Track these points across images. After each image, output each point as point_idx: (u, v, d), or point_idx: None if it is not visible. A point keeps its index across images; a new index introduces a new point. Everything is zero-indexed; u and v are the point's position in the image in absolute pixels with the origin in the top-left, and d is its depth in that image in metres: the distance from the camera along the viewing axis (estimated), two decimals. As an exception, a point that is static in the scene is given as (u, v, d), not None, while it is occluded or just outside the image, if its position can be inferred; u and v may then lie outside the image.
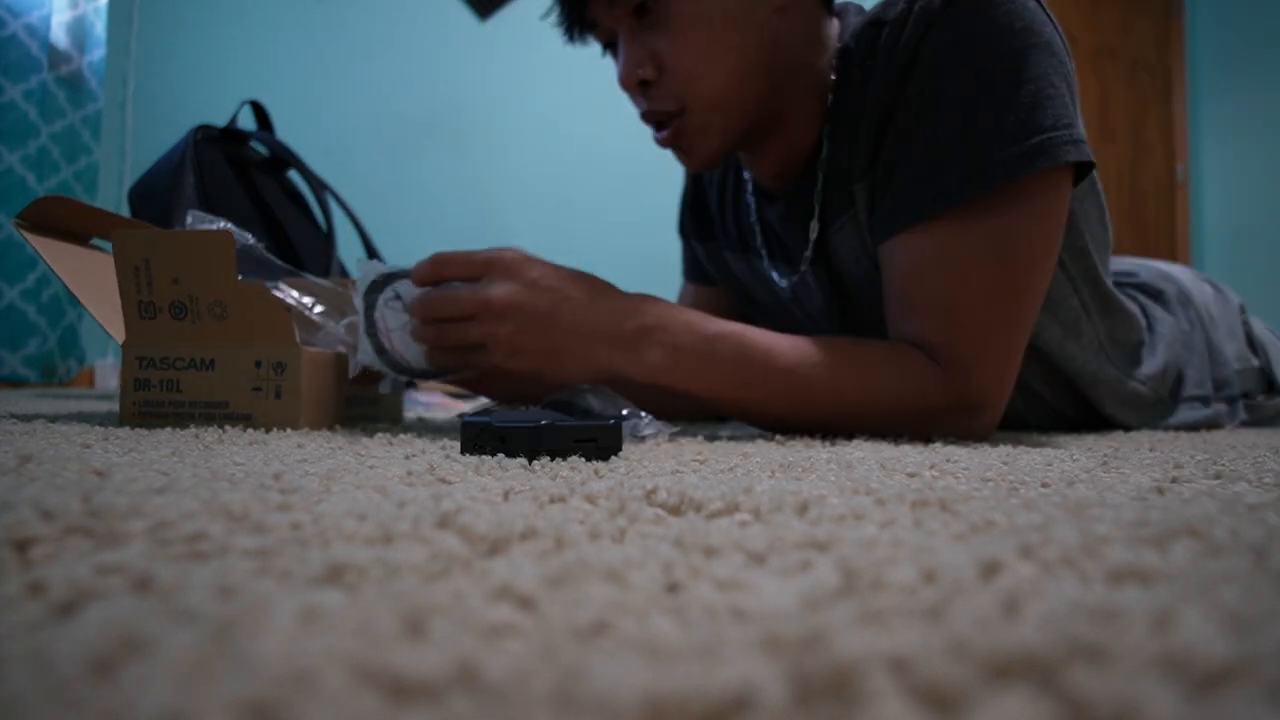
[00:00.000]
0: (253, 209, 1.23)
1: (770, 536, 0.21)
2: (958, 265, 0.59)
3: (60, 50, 2.16)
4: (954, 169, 0.58)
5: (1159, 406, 0.81)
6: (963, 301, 0.59)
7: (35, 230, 0.66)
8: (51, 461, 0.33)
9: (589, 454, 0.41)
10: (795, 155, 0.70)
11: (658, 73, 0.64)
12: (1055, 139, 0.57)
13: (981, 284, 0.59)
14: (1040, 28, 0.58)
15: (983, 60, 0.58)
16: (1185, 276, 0.94)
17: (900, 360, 0.60)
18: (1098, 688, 0.11)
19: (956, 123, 0.58)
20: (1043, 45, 0.58)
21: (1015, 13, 0.58)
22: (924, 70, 0.60)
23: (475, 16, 3.20)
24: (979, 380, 0.59)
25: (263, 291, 0.57)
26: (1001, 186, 0.57)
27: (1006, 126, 0.57)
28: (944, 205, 0.58)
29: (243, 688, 0.11)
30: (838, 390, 0.59)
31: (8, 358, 2.01)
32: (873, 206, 0.65)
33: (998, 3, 0.58)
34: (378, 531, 0.21)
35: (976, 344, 0.59)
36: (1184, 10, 3.73)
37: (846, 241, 0.69)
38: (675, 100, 0.65)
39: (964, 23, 0.58)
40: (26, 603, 0.15)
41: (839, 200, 0.68)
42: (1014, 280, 0.59)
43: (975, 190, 0.57)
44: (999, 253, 0.58)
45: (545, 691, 0.11)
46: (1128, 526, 0.23)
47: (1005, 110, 0.57)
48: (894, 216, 0.61)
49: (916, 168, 0.60)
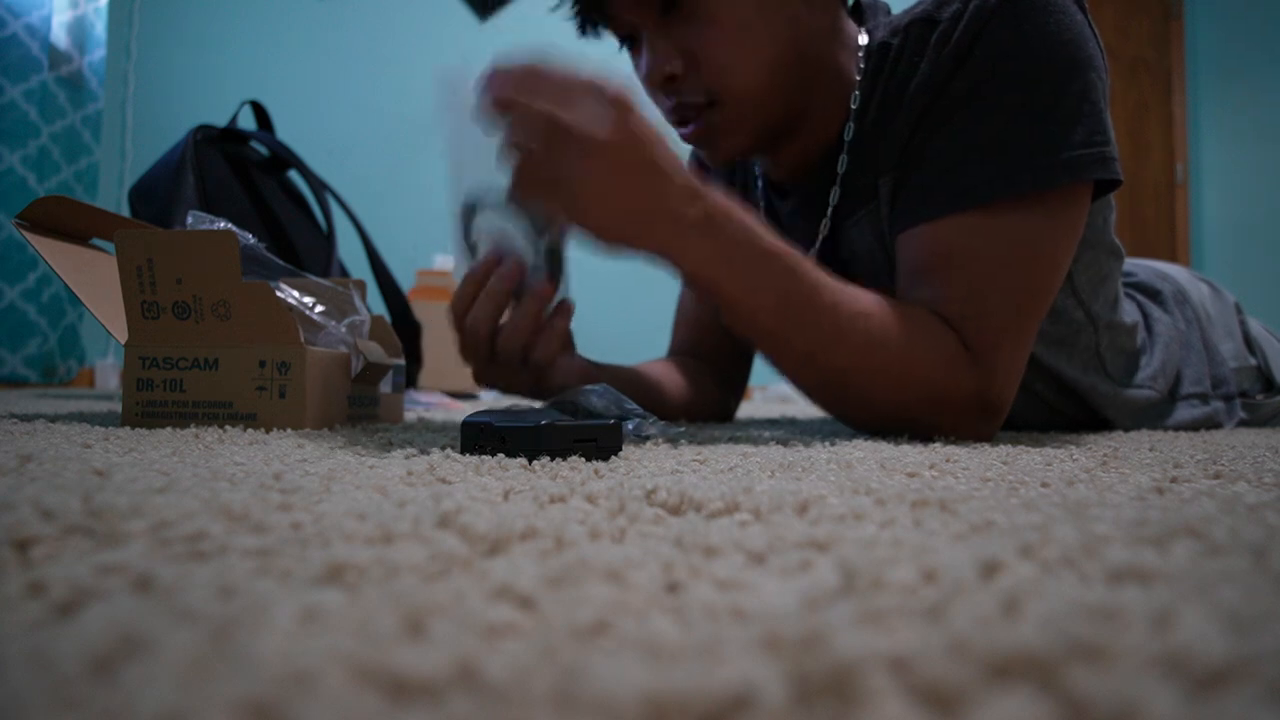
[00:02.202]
0: (253, 209, 1.23)
1: (770, 536, 0.21)
2: (986, 259, 0.59)
3: (61, 50, 2.16)
4: (988, 168, 0.58)
5: (1158, 406, 0.81)
6: (989, 295, 0.59)
7: (35, 230, 0.66)
8: (52, 461, 0.33)
9: (589, 454, 0.41)
10: (812, 152, 0.70)
11: (685, 66, 0.63)
12: (1087, 156, 0.58)
13: (1007, 281, 0.59)
14: (1085, 42, 0.59)
15: (1030, 67, 0.58)
16: (1182, 276, 0.94)
17: (944, 336, 0.58)
18: (1098, 687, 0.11)
19: (997, 124, 0.59)
20: (1085, 60, 0.59)
21: (1065, 24, 0.59)
22: (973, 67, 0.60)
23: (475, 17, 3.20)
24: (998, 378, 0.59)
25: (266, 291, 0.57)
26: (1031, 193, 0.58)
27: (1044, 136, 0.58)
28: (974, 201, 0.59)
29: (243, 688, 0.11)
30: (877, 344, 0.56)
31: (8, 358, 2.01)
32: (895, 200, 0.65)
33: (1052, 11, 0.59)
34: (378, 531, 0.21)
35: (998, 340, 0.59)
36: (1184, 10, 3.73)
37: (862, 236, 0.69)
38: (706, 93, 0.64)
39: (1017, 27, 0.59)
40: (27, 602, 0.15)
41: (860, 193, 0.68)
42: (1034, 282, 0.60)
43: (1008, 191, 0.58)
44: (1024, 253, 0.59)
45: (545, 691, 0.11)
46: (1127, 526, 0.23)
47: (1045, 120, 0.58)
48: (922, 205, 0.61)
49: (951, 161, 0.60)
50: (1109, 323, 0.75)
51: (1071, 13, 0.59)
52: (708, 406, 0.86)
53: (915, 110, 0.62)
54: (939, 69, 0.61)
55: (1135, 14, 3.63)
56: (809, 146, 0.70)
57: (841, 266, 0.72)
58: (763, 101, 0.64)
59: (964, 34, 0.60)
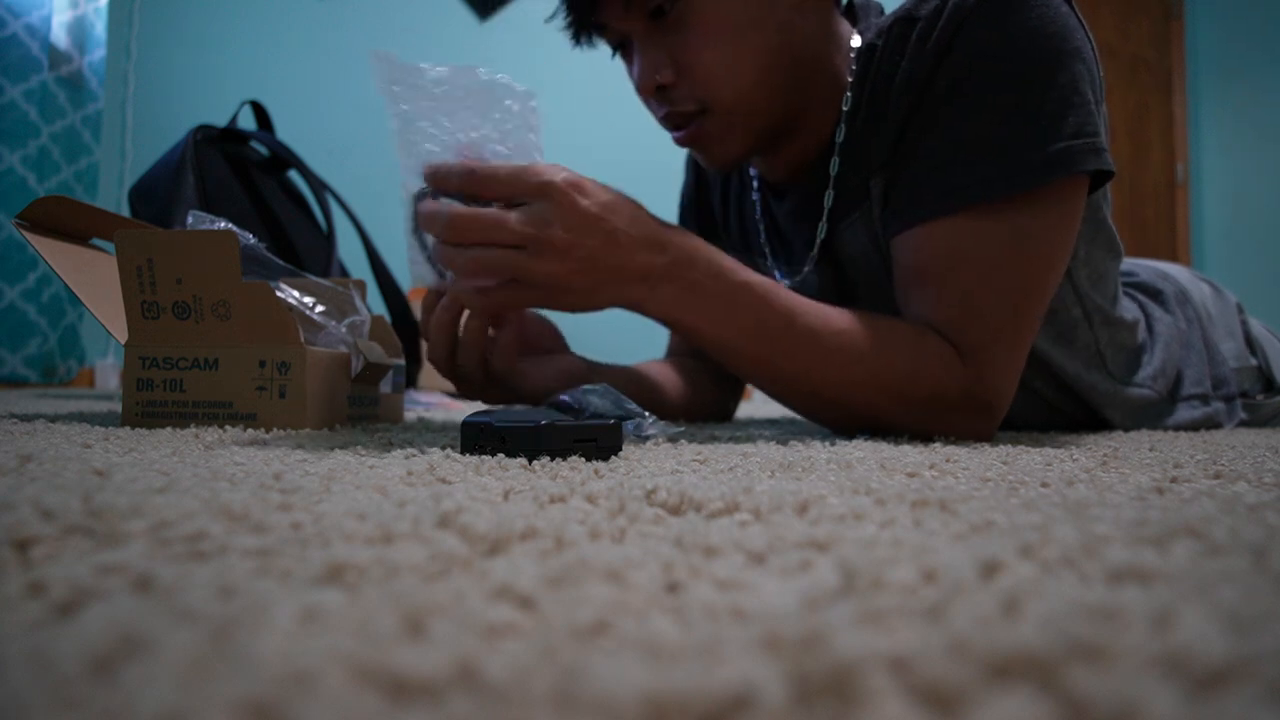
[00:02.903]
0: (253, 209, 1.23)
1: (770, 536, 0.21)
2: (978, 261, 0.59)
3: (61, 50, 2.16)
4: (978, 167, 0.58)
5: (1158, 407, 0.81)
6: (982, 297, 0.59)
7: (35, 230, 0.66)
8: (52, 461, 0.33)
9: (589, 454, 0.41)
10: (808, 153, 0.70)
11: (676, 75, 0.63)
12: (1077, 147, 0.57)
13: (1000, 282, 0.59)
14: (1071, 34, 0.59)
15: (1014, 62, 0.58)
16: (1183, 276, 0.94)
17: (923, 339, 0.59)
18: (1097, 687, 0.11)
19: (983, 121, 0.59)
20: (1072, 51, 0.58)
21: (1049, 17, 0.58)
22: (955, 65, 0.60)
23: (475, 17, 3.20)
24: (992, 377, 0.59)
25: (266, 291, 0.57)
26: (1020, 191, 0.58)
27: (1032, 131, 0.58)
28: (964, 201, 0.58)
29: (243, 688, 0.11)
30: (857, 358, 0.57)
31: (8, 358, 2.01)
32: (886, 200, 0.65)
33: (1032, 5, 0.58)
34: (378, 531, 0.21)
35: (992, 340, 0.59)
36: (1184, 10, 3.73)
37: (857, 237, 0.68)
38: (696, 101, 0.64)
39: (998, 22, 0.58)
40: (27, 602, 0.15)
41: (852, 195, 0.67)
42: (1028, 281, 0.59)
43: (998, 191, 0.58)
44: (1017, 252, 0.59)
45: (545, 691, 0.11)
46: (1127, 526, 0.23)
47: (1032, 114, 0.58)
48: (912, 207, 0.61)
49: (939, 160, 0.60)
50: (1108, 319, 0.75)
51: (1055, 4, 0.59)
52: (706, 406, 0.86)
53: (901, 109, 0.62)
54: (919, 66, 0.61)
55: (1135, 14, 3.63)
56: (807, 146, 0.70)
57: (839, 269, 0.72)
58: (754, 108, 0.64)
59: (942, 31, 0.60)
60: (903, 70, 0.62)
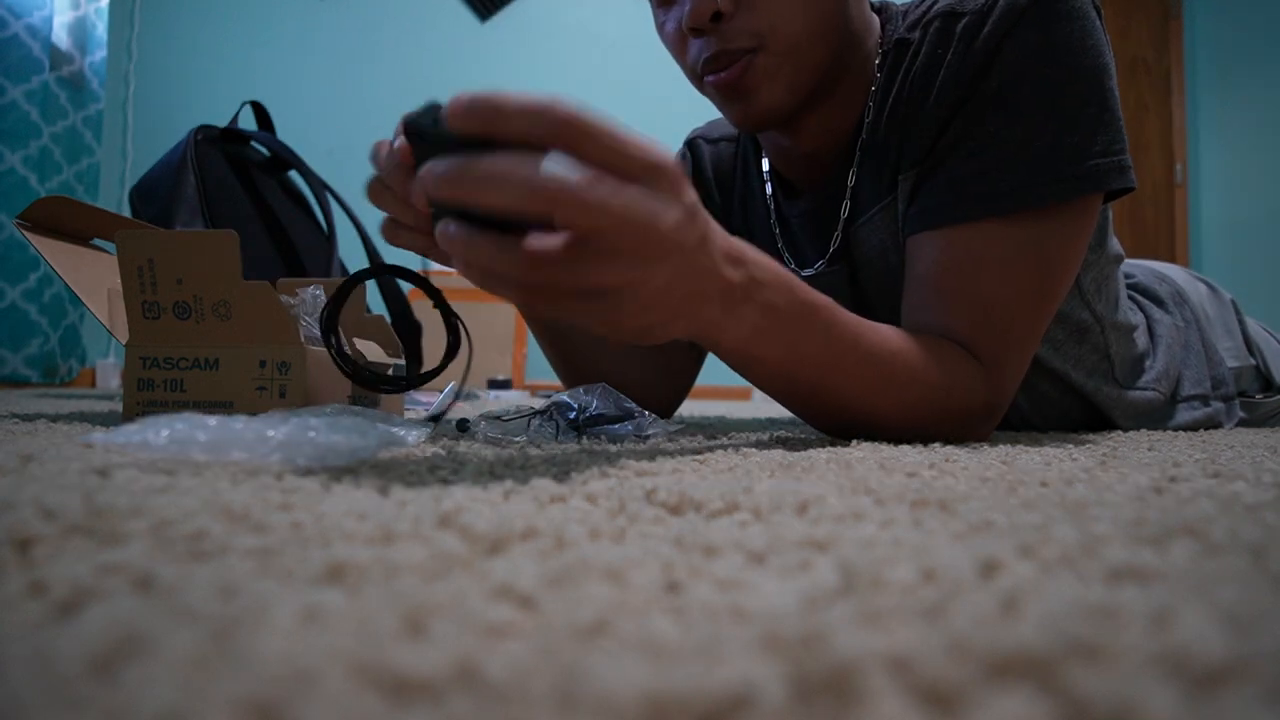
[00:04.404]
0: (253, 209, 1.23)
1: (770, 536, 0.21)
2: (998, 267, 0.58)
3: (62, 51, 2.16)
4: (1008, 177, 0.58)
5: (1160, 409, 0.81)
6: (1000, 303, 0.58)
7: (37, 230, 0.66)
8: (53, 461, 0.33)
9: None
10: (830, 140, 0.70)
11: (734, 5, 0.60)
12: (1105, 165, 0.58)
13: (1018, 288, 0.58)
14: (1104, 49, 0.59)
15: (1057, 73, 0.58)
16: (1180, 276, 0.94)
17: (955, 356, 0.58)
18: (1096, 687, 0.11)
19: (1022, 131, 0.58)
20: (1103, 67, 0.59)
21: (1089, 30, 0.59)
22: (1002, 69, 0.59)
23: (475, 18, 3.20)
24: (1004, 385, 0.59)
25: (267, 291, 0.57)
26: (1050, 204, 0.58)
27: (1069, 144, 0.58)
28: (991, 210, 0.58)
29: (244, 687, 0.11)
30: (910, 379, 0.54)
31: (10, 357, 2.01)
32: (913, 198, 0.64)
33: (1077, 18, 0.58)
34: (378, 531, 0.21)
35: (1009, 351, 0.59)
36: (1183, 10, 3.73)
37: (875, 234, 0.68)
38: (753, 37, 0.61)
39: (1048, 29, 0.58)
40: (28, 602, 0.15)
41: (876, 190, 0.67)
42: (1045, 290, 0.59)
43: (1028, 202, 0.58)
44: (1037, 260, 0.59)
45: (545, 691, 0.11)
46: (1126, 526, 0.23)
47: (1070, 127, 0.58)
48: (938, 210, 0.61)
49: (969, 167, 0.60)
50: (1114, 323, 0.75)
51: (1093, 19, 0.59)
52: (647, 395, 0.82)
53: (945, 105, 0.61)
54: (969, 61, 0.60)
55: (1135, 14, 3.63)
56: (827, 132, 0.69)
57: (852, 268, 0.71)
58: (806, 58, 0.62)
59: (995, 28, 0.59)
60: (949, 65, 0.61)
